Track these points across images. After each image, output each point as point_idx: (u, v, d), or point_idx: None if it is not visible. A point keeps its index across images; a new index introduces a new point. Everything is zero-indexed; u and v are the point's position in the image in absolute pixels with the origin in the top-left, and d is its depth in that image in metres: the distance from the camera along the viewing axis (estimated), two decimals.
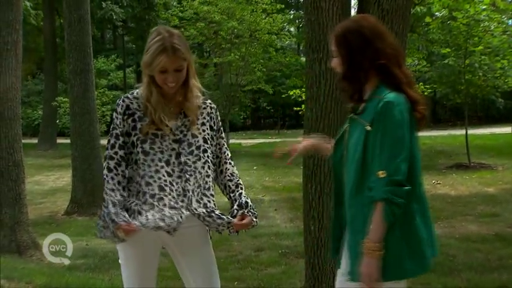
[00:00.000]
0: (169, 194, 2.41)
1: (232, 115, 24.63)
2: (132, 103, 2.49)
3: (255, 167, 14.61)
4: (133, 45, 32.93)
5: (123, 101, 2.49)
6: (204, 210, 2.42)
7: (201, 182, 2.47)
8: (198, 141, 2.50)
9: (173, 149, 2.47)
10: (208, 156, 2.51)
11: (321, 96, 3.85)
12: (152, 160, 2.43)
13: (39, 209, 9.54)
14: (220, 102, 19.87)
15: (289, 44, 30.20)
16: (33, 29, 23.63)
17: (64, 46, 10.04)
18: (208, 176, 2.49)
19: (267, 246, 6.34)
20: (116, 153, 2.46)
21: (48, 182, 13.14)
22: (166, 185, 2.41)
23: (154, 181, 2.41)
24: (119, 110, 2.47)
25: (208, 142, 2.54)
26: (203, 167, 2.49)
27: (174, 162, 2.45)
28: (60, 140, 22.06)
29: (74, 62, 9.52)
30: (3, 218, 6.26)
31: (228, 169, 2.60)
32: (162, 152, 2.45)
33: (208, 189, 2.48)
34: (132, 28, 29.53)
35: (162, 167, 2.42)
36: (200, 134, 2.52)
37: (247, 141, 24.06)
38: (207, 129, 2.55)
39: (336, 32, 2.23)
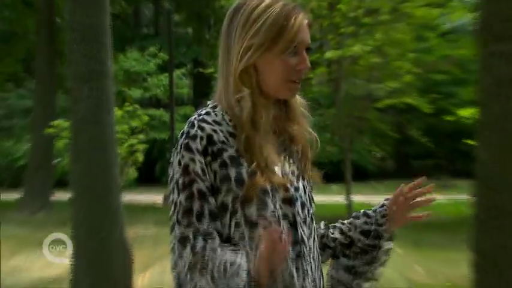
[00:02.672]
0: None
1: (357, 153, 18.62)
2: (215, 131, 2.01)
3: (397, 248, 11.98)
4: (187, 30, 25.63)
5: (201, 127, 2.01)
6: None
7: (319, 274, 2.18)
8: (310, 200, 2.18)
9: (285, 216, 2.05)
10: (316, 225, 2.26)
11: (508, 122, 2.91)
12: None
13: None
14: (336, 128, 15.25)
15: (463, 25, 21.79)
16: (16, 2, 19.70)
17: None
18: (319, 259, 2.20)
19: None
20: (209, 225, 1.98)
21: (33, 270, 10.75)
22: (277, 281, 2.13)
23: None
24: (195, 146, 1.99)
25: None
26: (317, 247, 2.23)
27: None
28: (58, 195, 18.47)
29: (80, 59, 7.54)
30: None
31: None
32: (278, 222, 2.08)
33: (320, 278, 2.21)
34: (184, 1, 23.54)
35: None
36: (309, 183, 2.21)
37: (383, 198, 18.13)
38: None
39: None
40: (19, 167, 21.02)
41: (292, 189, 2.08)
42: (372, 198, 17.61)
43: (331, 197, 16.29)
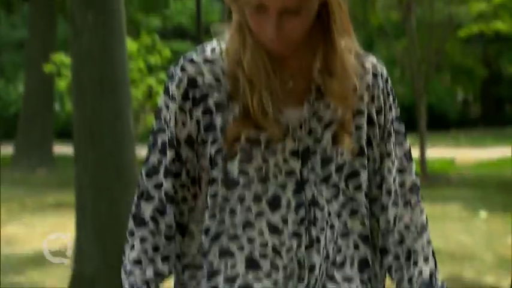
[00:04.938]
0: (268, 276, 1.91)
1: (434, 95, 16.84)
2: (201, 73, 1.92)
3: (482, 213, 11.33)
4: None
5: (183, 68, 1.94)
6: None
7: (338, 247, 2.08)
8: (342, 153, 1.98)
9: (290, 172, 1.92)
10: (360, 187, 2.03)
11: None
12: (242, 199, 1.91)
13: None
14: (407, 64, 13.87)
15: None
16: None
17: None
18: (361, 236, 2.01)
19: None
20: (160, 183, 1.95)
21: (31, 241, 10.33)
22: (264, 257, 1.91)
23: (241, 248, 1.94)
24: (172, 88, 1.96)
25: (366, 154, 2.04)
26: (348, 212, 2.09)
27: (289, 201, 1.93)
28: (61, 147, 17.36)
29: None
30: None
31: (399, 217, 2.08)
32: (264, 180, 1.90)
33: (352, 263, 2.01)
34: None
35: (262, 213, 1.92)
36: (350, 138, 2.00)
37: (468, 153, 17.70)
38: (364, 124, 2.02)
39: None
40: (10, 116, 19.32)
41: (309, 140, 1.90)
42: (452, 152, 16.06)
43: None
